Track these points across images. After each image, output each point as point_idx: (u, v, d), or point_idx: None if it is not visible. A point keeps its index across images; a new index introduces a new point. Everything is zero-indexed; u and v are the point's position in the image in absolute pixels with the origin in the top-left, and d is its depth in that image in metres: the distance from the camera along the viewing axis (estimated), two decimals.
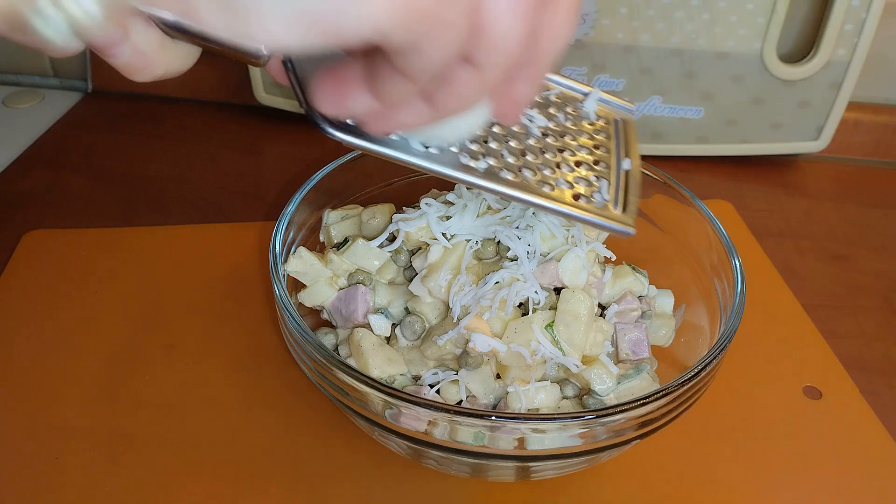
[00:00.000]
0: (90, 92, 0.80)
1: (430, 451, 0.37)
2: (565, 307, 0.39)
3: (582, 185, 0.33)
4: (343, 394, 0.36)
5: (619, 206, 0.33)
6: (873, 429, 0.46)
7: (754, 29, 0.65)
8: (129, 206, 0.63)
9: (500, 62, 0.24)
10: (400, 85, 0.24)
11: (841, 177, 0.73)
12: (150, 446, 0.43)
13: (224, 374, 0.47)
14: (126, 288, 0.53)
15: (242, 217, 0.61)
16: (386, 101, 0.25)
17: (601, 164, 0.35)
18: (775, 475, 0.43)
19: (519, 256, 0.40)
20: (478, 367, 0.40)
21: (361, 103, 0.26)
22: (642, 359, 0.42)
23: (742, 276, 0.41)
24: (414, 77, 0.23)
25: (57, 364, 0.47)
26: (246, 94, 0.74)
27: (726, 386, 0.45)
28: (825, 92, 0.68)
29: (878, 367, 0.51)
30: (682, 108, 0.69)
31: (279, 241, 0.42)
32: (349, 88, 0.25)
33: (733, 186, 0.70)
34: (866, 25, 0.64)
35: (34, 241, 0.57)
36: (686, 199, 0.47)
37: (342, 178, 0.48)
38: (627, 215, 0.33)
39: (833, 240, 0.64)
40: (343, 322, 0.44)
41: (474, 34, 0.23)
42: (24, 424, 0.44)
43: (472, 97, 0.25)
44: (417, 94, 0.25)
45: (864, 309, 0.56)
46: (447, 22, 0.22)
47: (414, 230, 0.42)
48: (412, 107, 0.26)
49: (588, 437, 0.35)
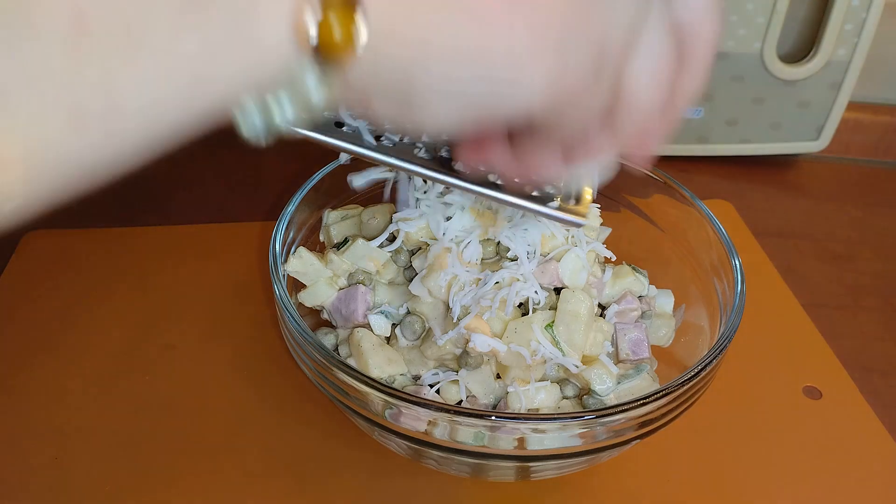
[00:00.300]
0: None
1: (430, 451, 0.37)
2: (565, 307, 0.39)
3: None
4: (343, 394, 0.36)
5: (572, 199, 0.33)
6: (873, 429, 0.46)
7: (754, 29, 0.65)
8: (129, 206, 0.63)
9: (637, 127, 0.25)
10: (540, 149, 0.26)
11: (841, 177, 0.73)
12: (150, 446, 0.43)
13: (224, 374, 0.47)
14: (126, 288, 0.53)
15: (242, 217, 0.61)
16: (525, 161, 0.27)
17: None
18: (775, 475, 0.43)
19: (519, 256, 0.40)
20: (478, 367, 0.40)
21: (502, 161, 0.27)
22: (642, 359, 0.42)
23: (742, 276, 0.41)
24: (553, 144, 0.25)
25: (57, 364, 0.47)
26: None
27: (726, 386, 0.45)
28: (825, 92, 0.68)
29: (878, 367, 0.51)
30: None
31: (279, 241, 0.42)
32: (491, 147, 0.27)
33: (733, 186, 0.70)
34: (866, 25, 0.64)
35: (34, 241, 0.57)
36: (686, 199, 0.47)
37: (342, 178, 0.48)
38: (581, 206, 0.33)
39: (833, 240, 0.64)
40: (343, 322, 0.44)
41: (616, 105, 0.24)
42: (24, 424, 0.44)
43: (606, 154, 0.27)
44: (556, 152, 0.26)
45: (864, 309, 0.56)
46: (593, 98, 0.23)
47: (414, 230, 0.42)
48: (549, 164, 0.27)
49: (588, 437, 0.35)
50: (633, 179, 0.50)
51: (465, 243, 0.40)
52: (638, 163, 0.30)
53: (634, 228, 0.50)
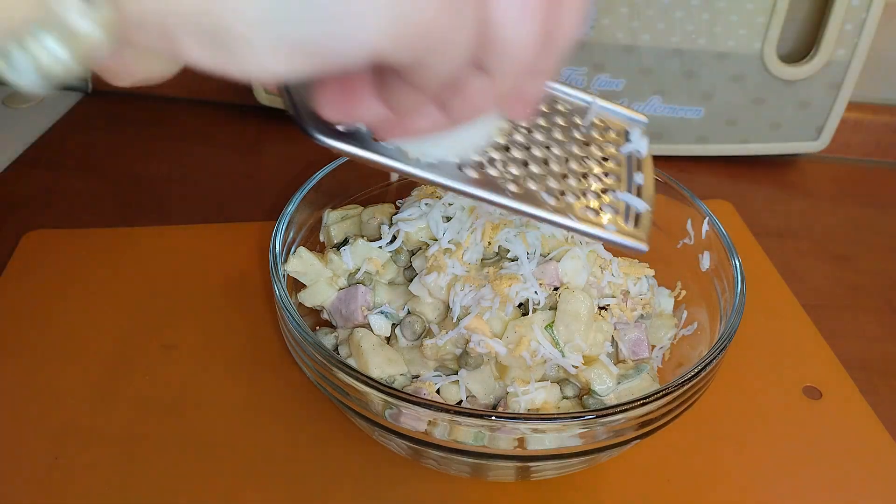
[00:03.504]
0: (90, 92, 0.80)
1: (430, 451, 0.37)
2: (565, 307, 0.39)
3: (591, 198, 0.30)
4: (343, 394, 0.36)
5: (631, 222, 0.31)
6: (873, 429, 0.46)
7: (754, 29, 0.65)
8: (129, 206, 0.63)
9: (513, 69, 0.23)
10: (411, 95, 0.23)
11: (841, 177, 0.73)
12: (150, 446, 0.43)
13: (224, 374, 0.47)
14: (126, 288, 0.53)
15: (242, 217, 0.61)
16: (397, 109, 0.24)
17: (611, 177, 0.32)
18: (775, 475, 0.43)
19: (519, 257, 0.40)
20: (478, 367, 0.40)
21: (371, 111, 0.24)
22: (642, 359, 0.42)
23: (742, 276, 0.41)
24: (424, 88, 0.22)
25: (57, 364, 0.47)
26: (246, 94, 0.74)
27: (726, 386, 0.45)
28: (825, 92, 0.68)
29: (878, 367, 0.51)
30: (682, 108, 0.69)
31: (279, 241, 0.42)
32: (358, 96, 0.24)
33: (733, 186, 0.70)
34: (866, 25, 0.64)
35: (34, 241, 0.57)
36: (686, 199, 0.47)
37: (342, 178, 0.48)
38: (640, 230, 0.31)
39: (833, 240, 0.64)
40: (343, 322, 0.44)
41: (484, 43, 0.21)
42: (24, 424, 0.44)
43: (487, 104, 0.24)
44: (430, 101, 0.24)
45: (864, 309, 0.56)
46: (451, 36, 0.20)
47: (414, 230, 0.43)
48: (425, 114, 0.24)
49: (588, 437, 0.35)
50: None
51: (465, 245, 0.40)
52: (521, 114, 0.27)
53: None
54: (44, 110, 0.77)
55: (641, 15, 0.64)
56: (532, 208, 0.29)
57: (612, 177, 0.32)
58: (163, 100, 0.79)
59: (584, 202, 0.30)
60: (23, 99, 0.78)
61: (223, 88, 0.78)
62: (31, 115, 0.76)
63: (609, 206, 0.31)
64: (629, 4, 0.64)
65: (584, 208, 0.30)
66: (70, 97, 0.79)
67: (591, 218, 0.30)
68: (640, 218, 0.31)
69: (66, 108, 0.77)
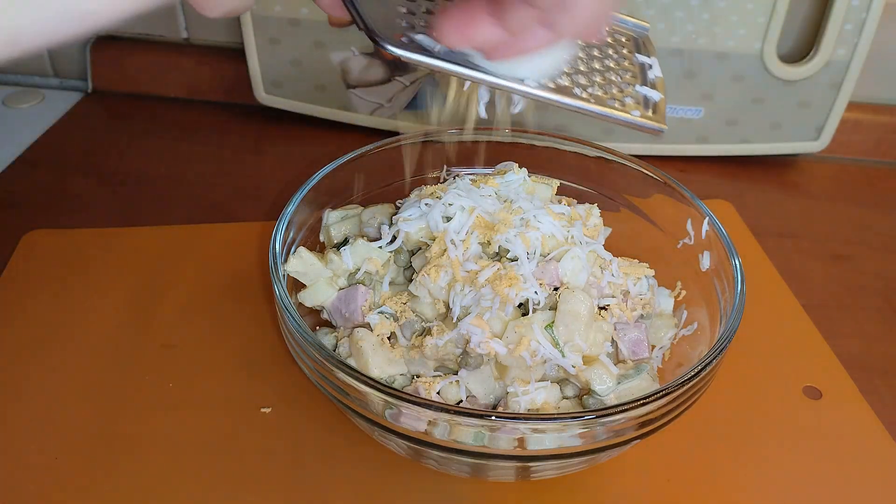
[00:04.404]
0: (90, 92, 0.80)
1: (430, 451, 0.37)
2: (565, 307, 0.39)
3: (614, 90, 0.35)
4: (343, 394, 0.36)
5: (650, 109, 0.35)
6: (873, 429, 0.46)
7: (754, 29, 0.65)
8: (129, 206, 0.63)
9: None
10: (525, 13, 0.26)
11: (841, 177, 0.73)
12: (149, 446, 0.43)
13: (224, 374, 0.47)
14: (126, 288, 0.53)
15: (242, 217, 0.61)
16: (511, 29, 0.27)
17: (628, 73, 0.37)
18: (775, 475, 0.43)
19: (519, 257, 0.40)
20: (478, 367, 0.40)
21: (487, 33, 0.28)
22: (642, 359, 0.42)
23: (742, 276, 0.41)
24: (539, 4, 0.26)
25: (57, 364, 0.47)
26: (246, 94, 0.74)
27: (726, 386, 0.45)
28: (825, 92, 0.68)
29: (878, 367, 0.51)
30: (682, 108, 0.69)
31: (279, 241, 0.42)
32: (476, 20, 0.27)
33: (733, 186, 0.70)
34: (866, 25, 0.64)
35: (34, 241, 0.57)
36: (686, 199, 0.47)
37: (342, 178, 0.48)
38: (658, 115, 0.35)
39: (833, 240, 0.64)
40: (343, 322, 0.44)
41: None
42: (24, 424, 0.44)
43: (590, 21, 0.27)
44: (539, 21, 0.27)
45: (864, 309, 0.56)
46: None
47: (414, 230, 0.42)
48: (534, 34, 0.28)
49: (588, 437, 0.35)
50: (633, 179, 0.50)
51: (464, 245, 0.40)
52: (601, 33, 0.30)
53: (634, 228, 0.50)
54: (44, 110, 0.77)
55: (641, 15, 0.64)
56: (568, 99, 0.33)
57: (629, 73, 0.37)
58: (163, 100, 0.79)
59: (609, 94, 0.35)
60: (23, 99, 0.79)
61: (223, 88, 0.78)
62: (31, 115, 0.76)
63: (630, 98, 0.35)
64: (629, 4, 0.64)
65: (611, 99, 0.35)
66: (70, 97, 0.79)
67: (618, 107, 0.34)
68: (656, 106, 0.36)
69: (66, 108, 0.77)
